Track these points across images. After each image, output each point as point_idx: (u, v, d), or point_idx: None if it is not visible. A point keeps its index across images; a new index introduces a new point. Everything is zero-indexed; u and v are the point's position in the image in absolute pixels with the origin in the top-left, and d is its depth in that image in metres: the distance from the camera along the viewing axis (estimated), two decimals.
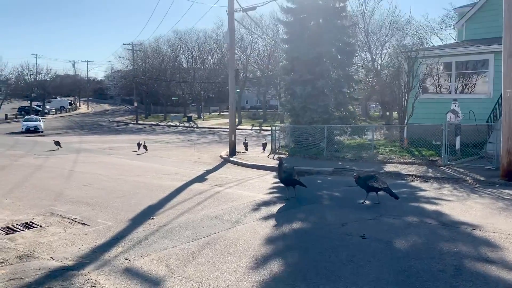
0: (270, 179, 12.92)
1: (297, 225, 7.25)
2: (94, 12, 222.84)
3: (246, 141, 22.86)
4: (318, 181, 12.45)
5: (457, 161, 14.13)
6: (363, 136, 21.52)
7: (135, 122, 61.97)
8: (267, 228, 7.10)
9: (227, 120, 60.78)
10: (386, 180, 12.08)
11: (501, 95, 16.44)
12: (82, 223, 7.65)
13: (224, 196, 9.94)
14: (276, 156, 18.51)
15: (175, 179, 12.86)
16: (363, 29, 25.93)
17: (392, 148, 17.05)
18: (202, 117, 66.03)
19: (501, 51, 16.44)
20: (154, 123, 60.86)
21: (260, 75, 55.85)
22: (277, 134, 21.76)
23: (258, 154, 19.99)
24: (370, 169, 13.50)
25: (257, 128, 47.15)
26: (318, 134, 18.95)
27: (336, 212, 8.08)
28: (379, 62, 25.86)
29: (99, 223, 7.69)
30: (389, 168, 13.65)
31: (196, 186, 11.53)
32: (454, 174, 12.02)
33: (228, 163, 17.52)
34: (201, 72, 66.75)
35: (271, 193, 10.39)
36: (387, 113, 26.02)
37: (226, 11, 19.87)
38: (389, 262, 5.26)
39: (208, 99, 75.07)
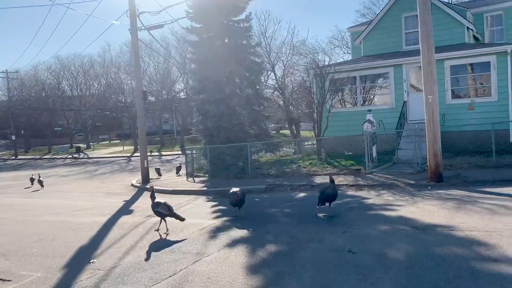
0: (204, 203, 12.03)
1: (272, 247, 6.57)
2: None
3: (158, 167, 21.46)
4: (256, 199, 11.87)
5: (378, 168, 14.68)
6: (276, 153, 21.62)
7: (14, 157, 55.36)
8: (241, 256, 6.29)
9: (120, 148, 58.05)
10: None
11: (403, 104, 17.79)
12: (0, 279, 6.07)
13: (170, 226, 8.82)
14: (198, 179, 17.62)
15: (95, 214, 11.27)
16: (265, 49, 26.42)
17: (311, 161, 17.25)
18: (92, 146, 61.50)
19: (399, 64, 17.89)
20: (38, 156, 54.97)
21: (154, 100, 53.94)
22: (189, 157, 20.87)
23: (174, 179, 18.81)
24: (301, 183, 13.36)
25: (157, 154, 45.19)
26: (237, 153, 18.46)
27: (301, 229, 7.56)
28: (283, 81, 26.52)
29: (24, 276, 6.18)
30: (318, 180, 13.63)
31: (126, 219, 10.18)
32: (384, 180, 12.36)
33: (145, 192, 16.08)
34: (88, 99, 62.48)
35: (217, 217, 9.54)
36: (294, 129, 26.70)
37: (129, 30, 18.62)
38: (402, 276, 4.86)
39: (95, 127, 70.39)
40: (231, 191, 9.09)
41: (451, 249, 5.62)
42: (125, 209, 11.89)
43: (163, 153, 46.54)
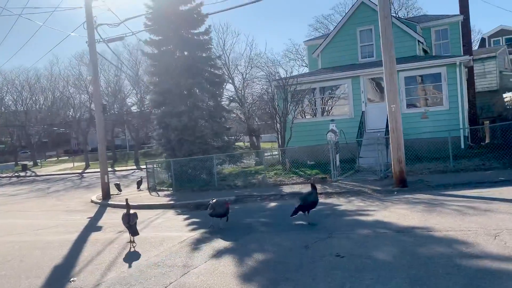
0: (174, 217, 11.86)
1: (259, 256, 6.60)
2: None
3: (118, 183, 20.84)
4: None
5: (342, 176, 15.09)
6: (238, 164, 21.65)
7: None
8: (230, 265, 6.28)
9: (69, 165, 55.77)
10: (291, 200, 12.28)
11: (362, 114, 18.44)
12: None
13: (144, 241, 8.62)
14: (162, 193, 17.31)
15: (61, 232, 10.81)
16: (224, 62, 26.54)
17: (276, 171, 17.44)
18: (39, 164, 58.69)
19: (357, 76, 18.60)
20: None
21: (107, 114, 52.36)
22: (150, 171, 20.52)
23: (136, 194, 18.36)
24: (270, 193, 13.47)
25: (110, 169, 43.80)
26: (201, 165, 18.35)
27: (284, 237, 7.64)
28: (243, 93, 26.73)
29: None
30: (287, 189, 13.81)
31: (97, 236, 9.83)
32: (351, 187, 12.73)
33: (108, 208, 15.60)
34: (34, 114, 59.73)
35: (193, 229, 9.44)
36: (255, 140, 26.89)
37: (86, 42, 18.16)
38: (394, 275, 5.06)
39: (41, 144, 67.23)
40: (212, 201, 9.02)
41: (435, 249, 5.90)
42: (93, 226, 11.48)
43: (117, 168, 45.27)
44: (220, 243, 7.66)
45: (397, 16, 27.69)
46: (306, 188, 13.52)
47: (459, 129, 16.73)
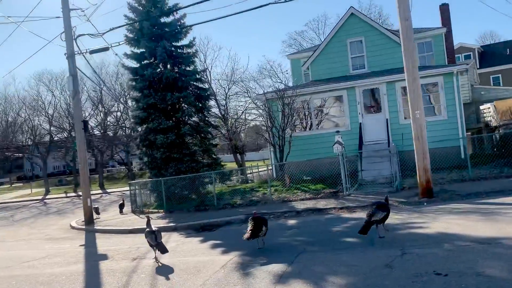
0: (186, 239, 10.66)
1: (338, 280, 5.60)
2: None
3: (96, 206, 19.11)
4: (244, 230, 10.71)
5: (351, 189, 14.35)
6: (226, 183, 20.48)
7: None
8: None
9: (27, 191, 52.07)
10: (311, 217, 11.37)
11: (359, 125, 17.92)
12: None
13: (175, 268, 7.39)
14: (154, 216, 15.89)
15: (60, 263, 9.29)
16: (205, 78, 25.49)
17: (276, 187, 16.44)
18: None
19: (352, 87, 18.13)
20: None
21: (67, 136, 49.61)
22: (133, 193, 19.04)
23: (121, 218, 16.82)
24: (282, 210, 12.47)
25: (74, 194, 41.24)
26: (193, 184, 17.09)
27: (348, 256, 6.68)
28: (226, 109, 25.72)
29: None
30: (299, 206, 12.85)
31: (109, 265, 8.45)
32: (371, 200, 11.92)
33: (97, 234, 14.01)
34: None
35: (224, 252, 8.31)
36: (239, 158, 25.80)
37: (65, 54, 16.68)
38: None
39: None
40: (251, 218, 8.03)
41: None
42: (94, 254, 10.03)
43: (81, 193, 42.60)
44: (274, 267, 6.58)
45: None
46: (318, 204, 12.70)
47: (458, 138, 16.51)
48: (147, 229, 8.29)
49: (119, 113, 55.97)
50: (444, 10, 24.09)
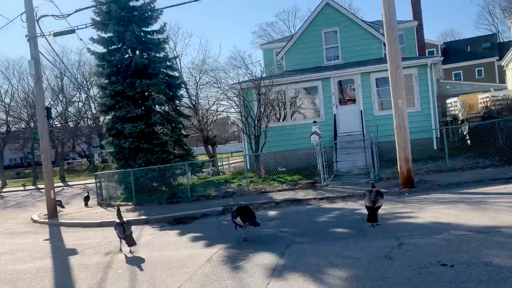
0: (161, 233, 10.15)
1: (337, 272, 5.25)
2: None
3: (59, 199, 18.05)
4: (224, 222, 10.28)
5: (329, 180, 14.13)
6: (197, 175, 19.89)
7: None
8: (310, 283, 4.88)
9: None
10: (291, 208, 11.05)
11: (334, 116, 17.75)
12: None
13: (156, 263, 6.85)
14: (123, 209, 15.15)
15: (25, 258, 8.53)
16: (176, 65, 24.58)
17: (251, 179, 16.02)
18: None
19: (327, 77, 17.92)
20: None
21: (26, 126, 47.21)
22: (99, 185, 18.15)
23: (86, 211, 16.02)
24: (261, 201, 12.08)
25: (33, 187, 39.44)
26: (165, 176, 16.43)
27: (341, 247, 6.35)
28: (196, 99, 24.93)
29: None
30: (278, 197, 12.49)
31: (80, 260, 7.79)
32: (351, 191, 11.69)
33: (62, 227, 13.17)
34: None
35: (206, 245, 7.85)
36: (211, 150, 25.12)
37: (26, 36, 15.57)
38: None
39: None
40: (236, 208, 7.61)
41: None
42: (62, 249, 9.31)
43: (40, 186, 40.77)
44: (264, 259, 6.18)
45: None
46: (297, 195, 12.40)
47: (431, 129, 16.63)
48: (116, 221, 7.90)
49: (80, 104, 53.98)
50: (416, 3, 24.30)
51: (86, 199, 18.04)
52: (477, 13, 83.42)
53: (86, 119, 52.91)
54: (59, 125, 46.68)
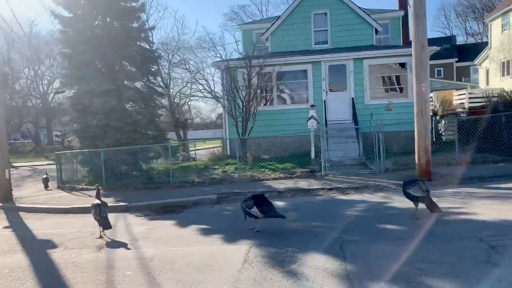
0: (151, 222, 8.60)
1: (452, 284, 4.07)
2: None
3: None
4: (225, 212, 8.89)
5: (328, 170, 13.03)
6: (171, 159, 18.18)
7: None
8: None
9: None
10: (297, 198, 9.86)
11: (323, 102, 16.67)
12: None
13: (178, 262, 5.39)
14: (90, 193, 13.24)
15: None
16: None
17: (235, 165, 14.61)
18: None
19: (318, 61, 16.78)
20: None
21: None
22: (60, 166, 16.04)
23: (47, 194, 13.97)
24: (257, 190, 10.76)
25: None
26: (138, 158, 14.69)
27: (414, 246, 5.20)
28: (168, 79, 22.96)
29: None
30: (278, 186, 11.20)
31: (63, 255, 6.14)
32: (361, 182, 10.67)
33: (23, 212, 11.21)
34: None
35: (226, 239, 6.46)
36: (182, 134, 23.28)
37: None
38: None
39: None
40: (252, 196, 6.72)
41: None
42: (33, 240, 7.54)
43: None
44: (322, 262, 4.90)
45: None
46: (299, 184, 11.20)
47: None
48: (94, 202, 7.25)
49: (28, 81, 49.99)
50: None
51: (46, 181, 15.86)
52: (434, 16, 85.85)
53: (34, 97, 49.03)
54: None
